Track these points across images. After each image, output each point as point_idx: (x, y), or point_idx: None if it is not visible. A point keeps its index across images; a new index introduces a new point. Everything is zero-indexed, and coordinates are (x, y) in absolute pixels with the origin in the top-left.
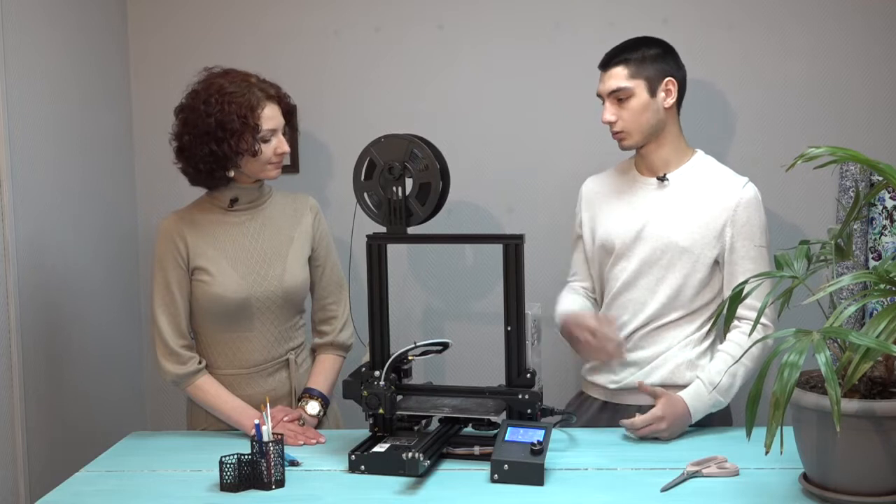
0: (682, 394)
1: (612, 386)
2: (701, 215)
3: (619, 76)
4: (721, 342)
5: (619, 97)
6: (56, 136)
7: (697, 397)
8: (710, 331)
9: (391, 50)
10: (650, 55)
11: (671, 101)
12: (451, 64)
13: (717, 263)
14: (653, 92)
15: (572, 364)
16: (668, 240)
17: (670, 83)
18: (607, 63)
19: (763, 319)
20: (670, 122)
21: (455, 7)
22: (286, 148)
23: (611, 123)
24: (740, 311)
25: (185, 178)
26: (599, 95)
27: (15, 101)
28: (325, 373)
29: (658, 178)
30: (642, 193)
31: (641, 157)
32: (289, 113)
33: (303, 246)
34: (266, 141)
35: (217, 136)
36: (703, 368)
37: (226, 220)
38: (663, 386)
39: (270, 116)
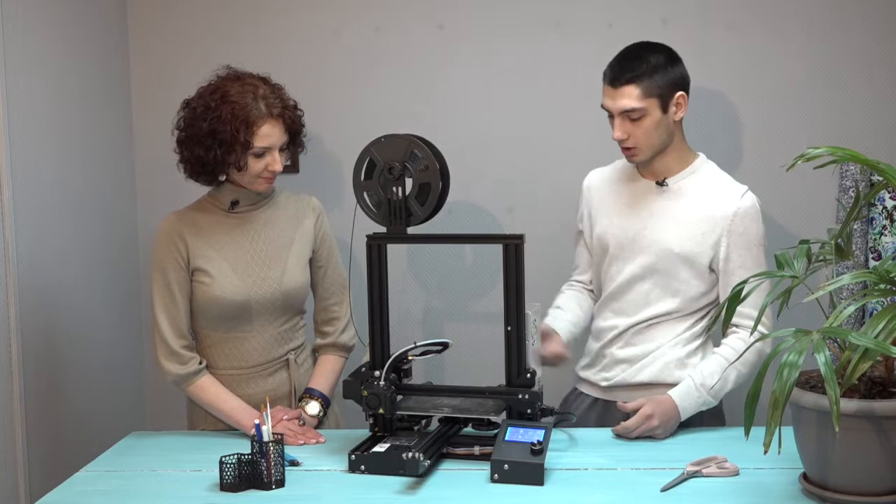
0: (671, 392)
1: (604, 384)
2: (698, 223)
3: (630, 96)
4: (714, 345)
5: (632, 117)
6: (56, 136)
7: (686, 395)
8: (708, 330)
9: (391, 50)
10: (659, 66)
11: (682, 114)
12: (451, 64)
13: (713, 271)
14: (665, 108)
15: (571, 364)
16: (665, 246)
17: (681, 98)
18: (616, 80)
19: (760, 327)
20: (677, 131)
21: (455, 7)
22: (278, 167)
23: (622, 140)
24: (736, 318)
25: (185, 177)
26: (605, 108)
27: (15, 101)
28: (326, 373)
29: (658, 183)
30: (641, 197)
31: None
32: (295, 132)
33: (303, 248)
34: (258, 156)
35: (206, 143)
36: (695, 368)
37: (226, 221)
38: (652, 384)
39: (266, 134)
